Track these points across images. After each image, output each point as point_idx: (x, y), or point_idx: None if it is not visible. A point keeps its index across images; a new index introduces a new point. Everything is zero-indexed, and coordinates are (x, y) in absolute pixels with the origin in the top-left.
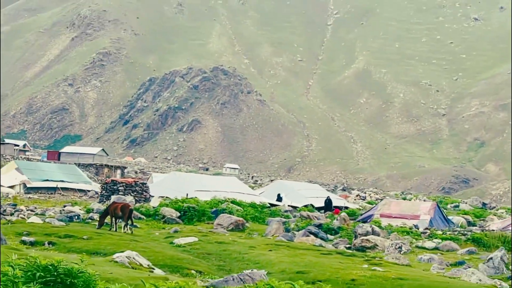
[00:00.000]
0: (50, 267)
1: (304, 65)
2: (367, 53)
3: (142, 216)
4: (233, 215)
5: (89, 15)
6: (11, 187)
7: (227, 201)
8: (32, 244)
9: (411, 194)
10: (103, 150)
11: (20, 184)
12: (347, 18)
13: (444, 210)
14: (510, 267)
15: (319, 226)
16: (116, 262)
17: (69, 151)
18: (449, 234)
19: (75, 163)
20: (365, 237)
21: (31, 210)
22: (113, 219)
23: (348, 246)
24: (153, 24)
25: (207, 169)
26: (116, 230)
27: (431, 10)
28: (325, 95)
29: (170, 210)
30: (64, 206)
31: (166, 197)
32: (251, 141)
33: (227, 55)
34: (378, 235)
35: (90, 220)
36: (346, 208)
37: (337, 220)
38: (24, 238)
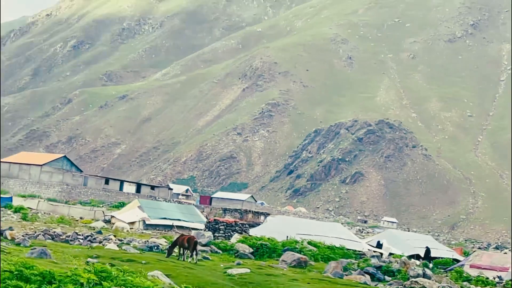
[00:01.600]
0: None
1: (473, 120)
2: None
3: (219, 250)
4: (301, 253)
5: (260, 66)
6: (132, 223)
7: (303, 241)
8: None
9: None
10: (252, 196)
11: (140, 221)
12: None
13: None
14: None
15: (379, 267)
16: None
17: (219, 196)
18: None
19: (221, 208)
20: (415, 279)
21: (119, 239)
22: (181, 249)
23: (400, 287)
24: (322, 76)
25: (365, 222)
26: (184, 260)
27: None
28: (495, 152)
29: (244, 246)
30: (151, 238)
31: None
32: (414, 196)
33: (394, 109)
34: (429, 278)
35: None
36: (455, 260)
37: (397, 263)
38: (89, 259)
